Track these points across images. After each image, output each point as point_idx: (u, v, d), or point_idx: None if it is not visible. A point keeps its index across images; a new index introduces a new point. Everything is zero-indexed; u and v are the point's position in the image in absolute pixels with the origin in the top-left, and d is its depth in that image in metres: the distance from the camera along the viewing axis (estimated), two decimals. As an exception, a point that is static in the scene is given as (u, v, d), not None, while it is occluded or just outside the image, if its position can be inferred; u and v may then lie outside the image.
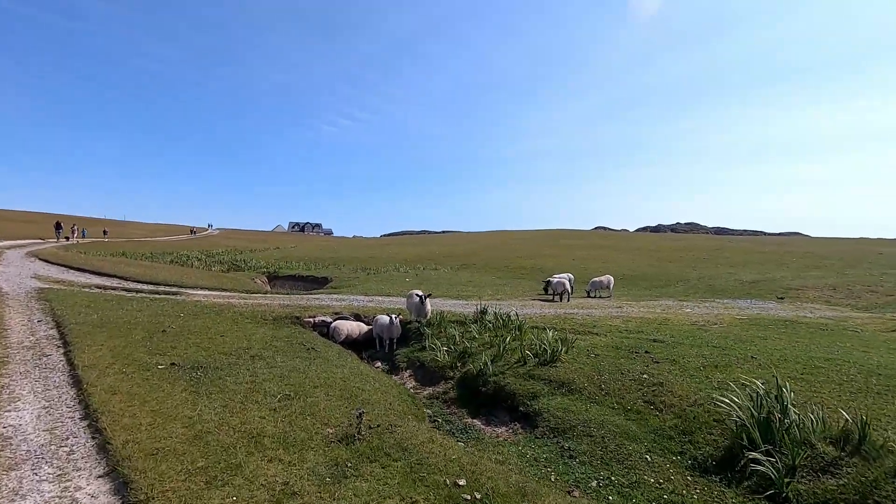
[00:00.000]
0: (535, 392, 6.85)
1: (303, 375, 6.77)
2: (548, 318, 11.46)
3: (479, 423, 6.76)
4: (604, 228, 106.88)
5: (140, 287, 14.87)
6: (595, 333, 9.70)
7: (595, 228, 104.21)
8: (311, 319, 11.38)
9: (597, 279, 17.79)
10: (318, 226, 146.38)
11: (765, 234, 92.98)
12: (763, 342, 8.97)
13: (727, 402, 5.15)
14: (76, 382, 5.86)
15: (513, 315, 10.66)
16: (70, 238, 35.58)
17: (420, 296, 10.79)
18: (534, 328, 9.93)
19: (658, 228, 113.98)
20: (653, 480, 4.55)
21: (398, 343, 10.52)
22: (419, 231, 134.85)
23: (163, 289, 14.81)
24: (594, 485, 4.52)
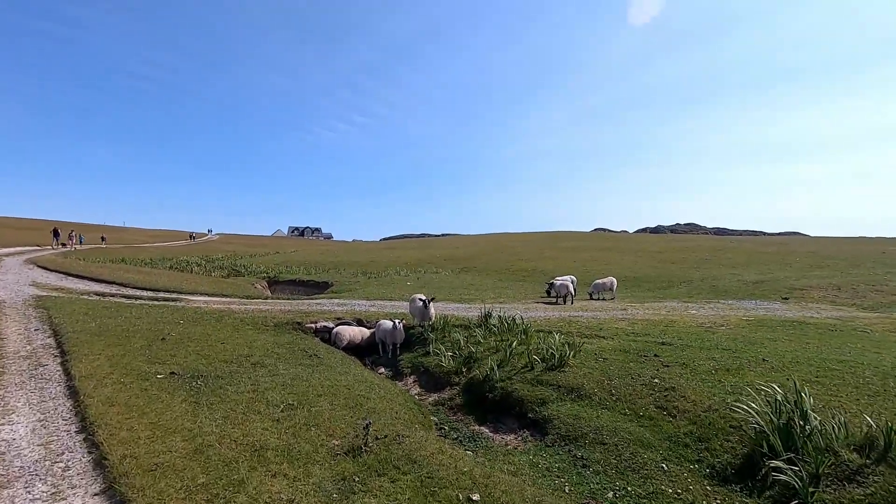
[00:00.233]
0: (544, 398, 6.69)
1: (306, 383, 6.60)
2: (553, 322, 11.31)
3: (487, 431, 6.60)
4: (603, 230, 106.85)
5: (139, 294, 14.70)
6: (602, 337, 9.55)
7: (595, 230, 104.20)
8: (313, 325, 11.21)
9: (599, 281, 17.64)
10: (318, 230, 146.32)
11: (765, 234, 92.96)
12: (773, 344, 8.82)
13: (745, 409, 4.99)
14: (73, 393, 5.69)
15: (517, 318, 10.51)
16: (67, 245, 35.37)
17: (423, 300, 10.63)
18: (539, 332, 9.78)
19: (658, 229, 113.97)
20: (671, 490, 4.38)
21: (401, 348, 10.35)
22: (419, 234, 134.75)
23: (162, 295, 14.63)
24: (611, 496, 4.35)
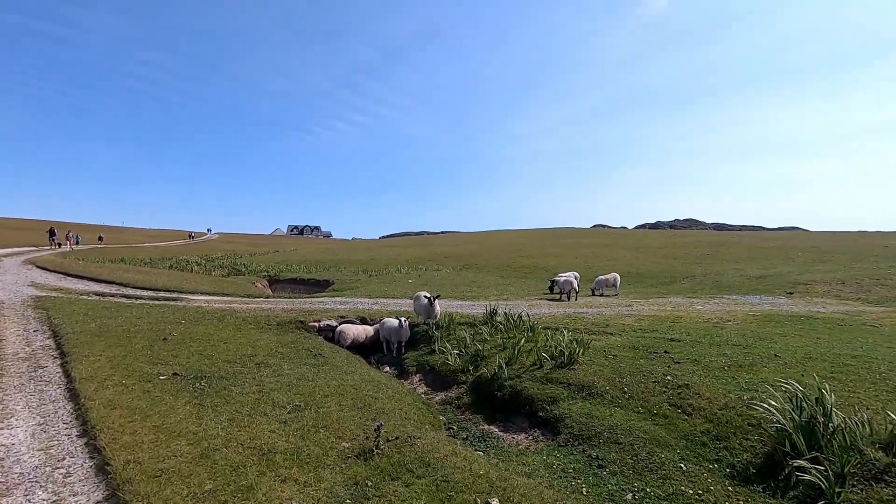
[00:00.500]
0: (555, 396, 6.56)
1: (312, 384, 6.46)
2: (558, 318, 11.19)
3: (497, 430, 6.47)
4: (603, 226, 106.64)
5: (139, 293, 14.53)
6: (609, 333, 9.42)
7: (594, 226, 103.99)
8: (316, 324, 11.07)
9: (602, 277, 17.52)
10: (317, 228, 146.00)
11: (764, 230, 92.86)
12: (783, 339, 8.70)
13: (766, 406, 4.86)
14: (73, 396, 5.55)
15: (523, 315, 10.38)
16: (63, 245, 35.06)
17: (428, 297, 10.49)
18: (546, 329, 9.65)
19: (657, 225, 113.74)
20: (691, 492, 4.26)
21: (406, 346, 10.22)
22: (418, 232, 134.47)
23: (163, 295, 14.47)
24: (629, 498, 4.23)
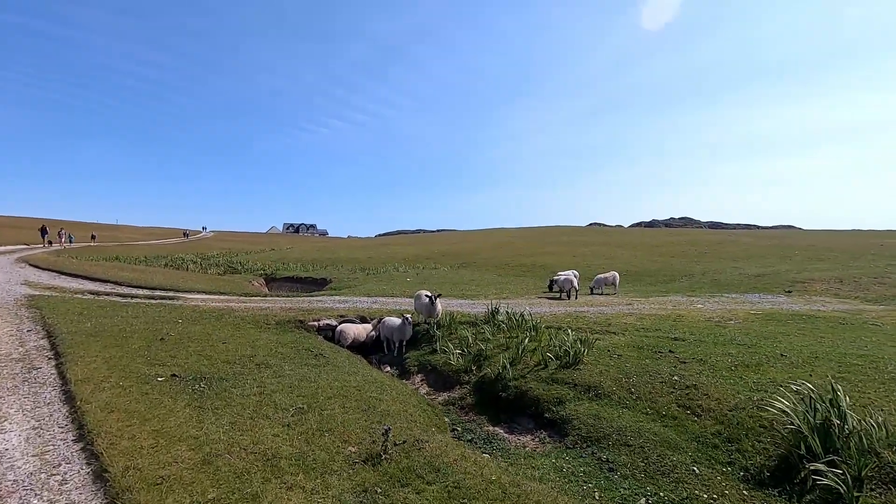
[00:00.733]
0: (561, 397, 6.47)
1: (314, 385, 6.33)
2: (560, 317, 11.11)
3: (502, 432, 6.37)
4: (598, 224, 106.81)
5: (135, 292, 14.31)
6: (612, 332, 9.35)
7: (590, 225, 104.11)
8: (316, 323, 10.92)
9: (601, 276, 17.49)
10: (313, 226, 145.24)
11: (759, 228, 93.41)
12: (787, 339, 8.66)
13: (778, 408, 4.79)
14: (69, 399, 5.38)
15: (525, 315, 10.28)
16: (55, 243, 34.51)
17: (430, 296, 10.37)
18: (549, 328, 9.56)
19: (652, 223, 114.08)
20: (706, 496, 4.17)
21: (407, 346, 10.10)
22: (414, 230, 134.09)
23: (158, 293, 14.26)
24: (643, 503, 4.14)
